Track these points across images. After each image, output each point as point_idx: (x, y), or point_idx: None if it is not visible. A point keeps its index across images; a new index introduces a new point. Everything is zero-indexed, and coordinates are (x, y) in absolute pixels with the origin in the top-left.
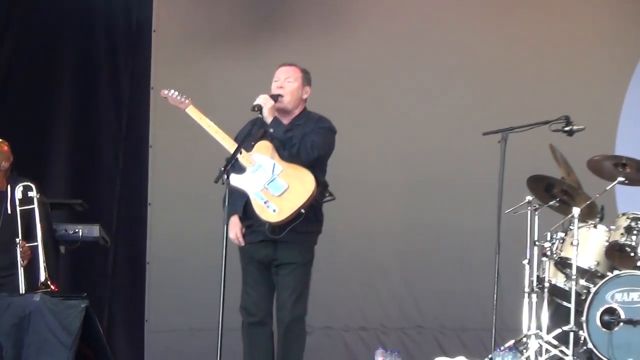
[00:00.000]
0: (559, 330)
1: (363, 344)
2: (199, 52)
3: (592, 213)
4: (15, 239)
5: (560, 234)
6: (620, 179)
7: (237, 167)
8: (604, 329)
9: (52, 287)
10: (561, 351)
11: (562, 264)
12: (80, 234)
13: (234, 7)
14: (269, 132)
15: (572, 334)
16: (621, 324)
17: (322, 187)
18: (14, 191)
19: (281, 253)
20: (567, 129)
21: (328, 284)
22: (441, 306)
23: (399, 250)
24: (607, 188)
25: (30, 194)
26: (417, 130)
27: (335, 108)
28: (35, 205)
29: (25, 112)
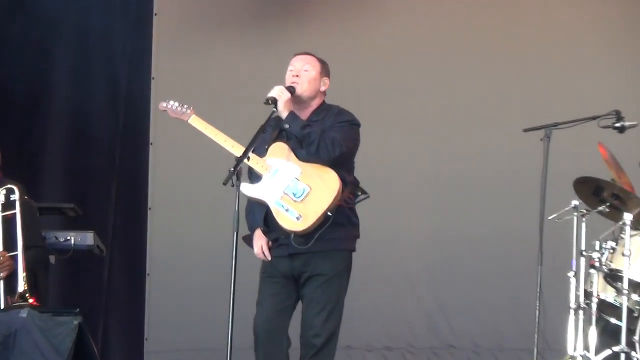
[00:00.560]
0: (608, 352)
1: None
2: (206, 38)
3: None
4: None
5: (611, 243)
6: None
7: (253, 176)
8: None
9: (31, 300)
10: None
11: (612, 277)
12: (73, 242)
13: None
14: (284, 128)
15: (623, 355)
16: None
17: (352, 186)
18: None
19: (311, 264)
20: (618, 125)
21: (348, 299)
22: (475, 323)
23: (428, 260)
24: None
25: (12, 197)
26: (448, 126)
27: (356, 103)
28: (17, 210)
29: (10, 105)
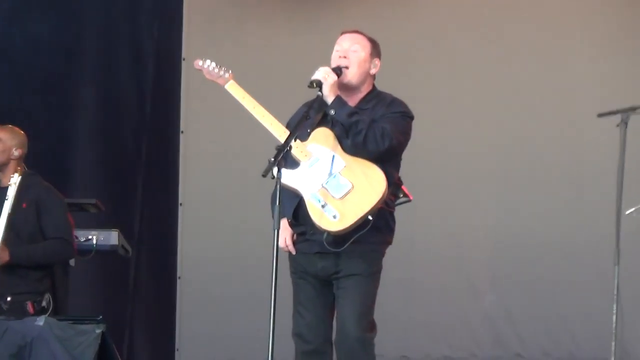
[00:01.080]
0: None
1: None
2: (242, 13)
3: None
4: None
5: None
6: None
7: (289, 161)
8: None
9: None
10: None
11: None
12: (95, 242)
13: None
14: (329, 115)
15: None
16: None
17: (394, 187)
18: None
19: (343, 263)
20: None
21: (404, 305)
22: (545, 330)
23: (492, 262)
24: None
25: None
26: (513, 114)
27: (407, 89)
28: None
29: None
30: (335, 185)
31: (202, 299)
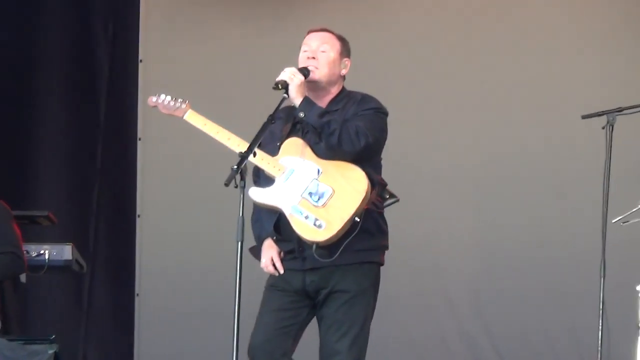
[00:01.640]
0: None
1: None
2: (202, 13)
3: None
4: None
5: None
6: None
7: (263, 179)
8: None
9: None
10: None
11: None
12: (47, 257)
13: None
14: (298, 118)
15: None
16: None
17: (379, 188)
18: None
19: (332, 279)
20: None
21: (377, 320)
22: (525, 346)
23: (470, 274)
24: None
25: None
26: (494, 118)
27: (384, 91)
28: None
29: None
30: (315, 193)
31: (162, 316)
